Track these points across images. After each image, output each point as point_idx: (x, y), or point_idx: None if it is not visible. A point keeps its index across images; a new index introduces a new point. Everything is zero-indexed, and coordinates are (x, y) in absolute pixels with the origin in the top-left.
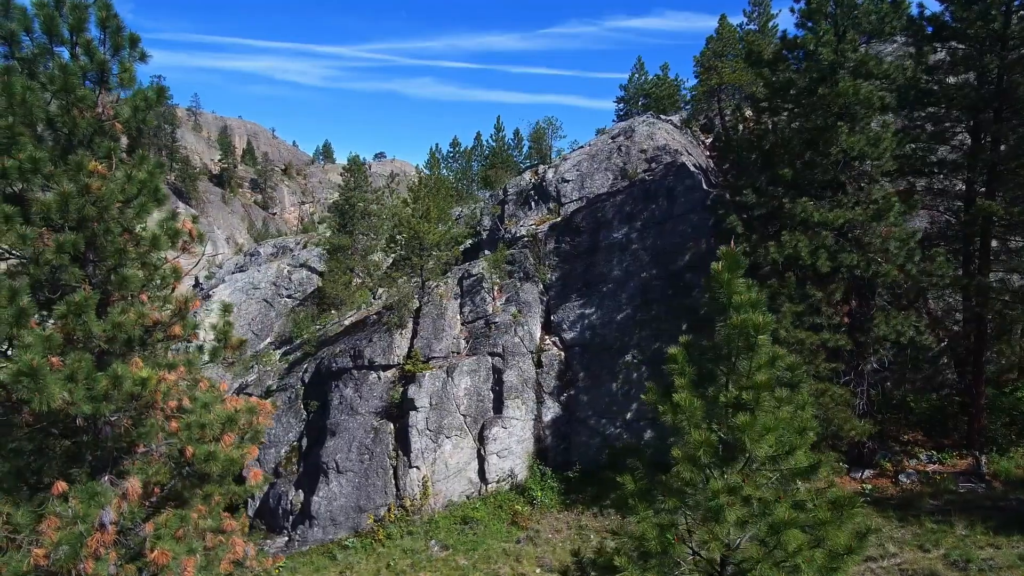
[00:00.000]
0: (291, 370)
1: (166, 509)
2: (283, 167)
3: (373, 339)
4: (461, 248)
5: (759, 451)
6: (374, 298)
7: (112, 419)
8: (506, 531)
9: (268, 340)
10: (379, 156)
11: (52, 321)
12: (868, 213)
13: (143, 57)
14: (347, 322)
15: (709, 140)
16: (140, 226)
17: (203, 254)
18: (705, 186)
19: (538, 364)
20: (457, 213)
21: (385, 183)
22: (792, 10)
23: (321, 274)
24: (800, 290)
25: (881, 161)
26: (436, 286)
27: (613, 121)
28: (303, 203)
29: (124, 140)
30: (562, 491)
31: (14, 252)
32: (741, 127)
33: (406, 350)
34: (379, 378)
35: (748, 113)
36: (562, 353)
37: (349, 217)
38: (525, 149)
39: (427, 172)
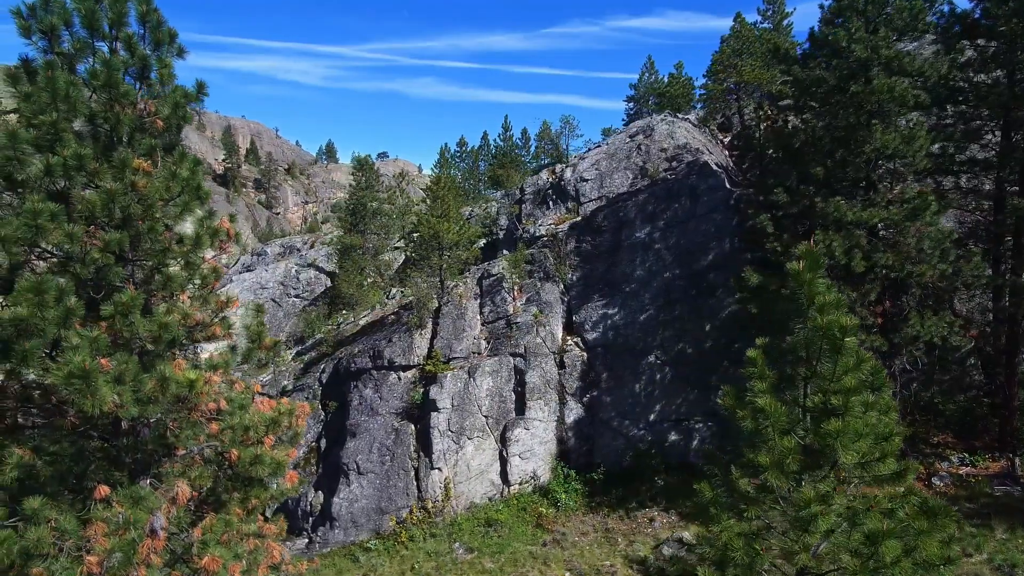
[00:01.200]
0: (307, 370)
1: (207, 513)
2: (287, 167)
3: (393, 339)
4: (474, 248)
5: (848, 458)
6: (387, 298)
7: (150, 421)
8: (531, 534)
9: (280, 340)
10: (382, 156)
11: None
12: (903, 212)
13: (181, 53)
14: (362, 322)
15: (727, 139)
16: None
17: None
18: (728, 185)
19: (560, 365)
20: (467, 213)
21: (395, 182)
22: (821, 6)
23: (330, 274)
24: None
25: (915, 160)
26: (455, 286)
27: (623, 120)
28: (307, 203)
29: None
30: (586, 493)
31: (54, 251)
32: (764, 125)
33: (426, 350)
34: (399, 378)
35: (768, 111)
36: (584, 354)
37: (360, 216)
38: (532, 149)
39: (437, 172)
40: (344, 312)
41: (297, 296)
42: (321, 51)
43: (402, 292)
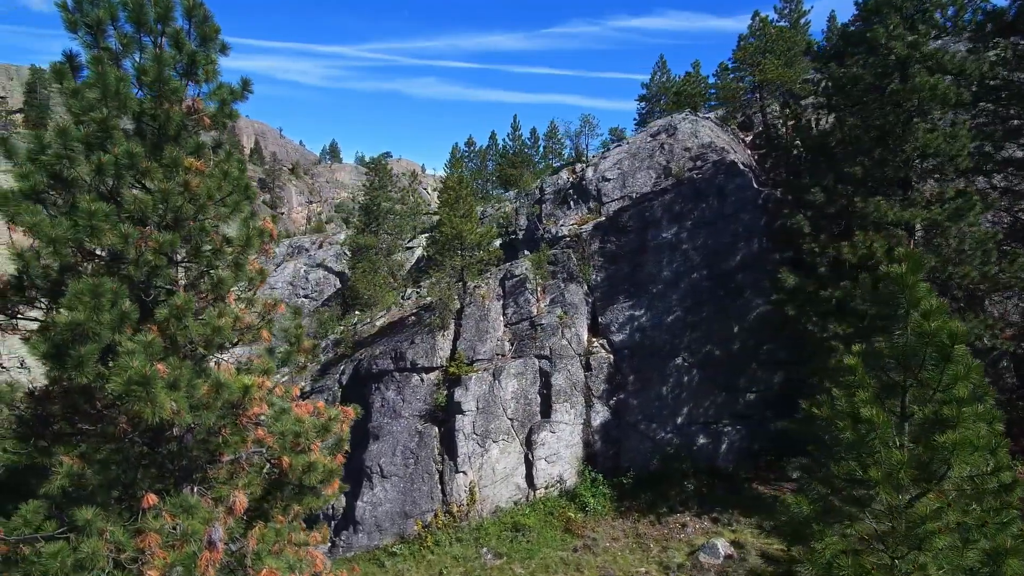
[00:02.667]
0: (325, 372)
1: (256, 522)
2: (291, 167)
3: (415, 341)
4: (496, 249)
5: (960, 471)
6: (403, 298)
7: (194, 427)
8: (560, 539)
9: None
10: (386, 155)
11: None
12: (946, 212)
13: (223, 49)
14: (379, 323)
15: (749, 138)
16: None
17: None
18: (755, 185)
19: (586, 367)
20: (480, 212)
21: (407, 182)
22: (856, 3)
23: (339, 274)
24: (875, 293)
25: (959, 159)
26: (476, 287)
27: (634, 120)
28: (311, 202)
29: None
30: (615, 498)
31: (100, 253)
32: (791, 124)
33: (449, 352)
34: (422, 380)
35: (794, 110)
36: (610, 356)
37: (374, 216)
38: (541, 149)
39: (448, 171)
40: (358, 313)
41: (306, 297)
42: (321, 51)
43: (418, 292)
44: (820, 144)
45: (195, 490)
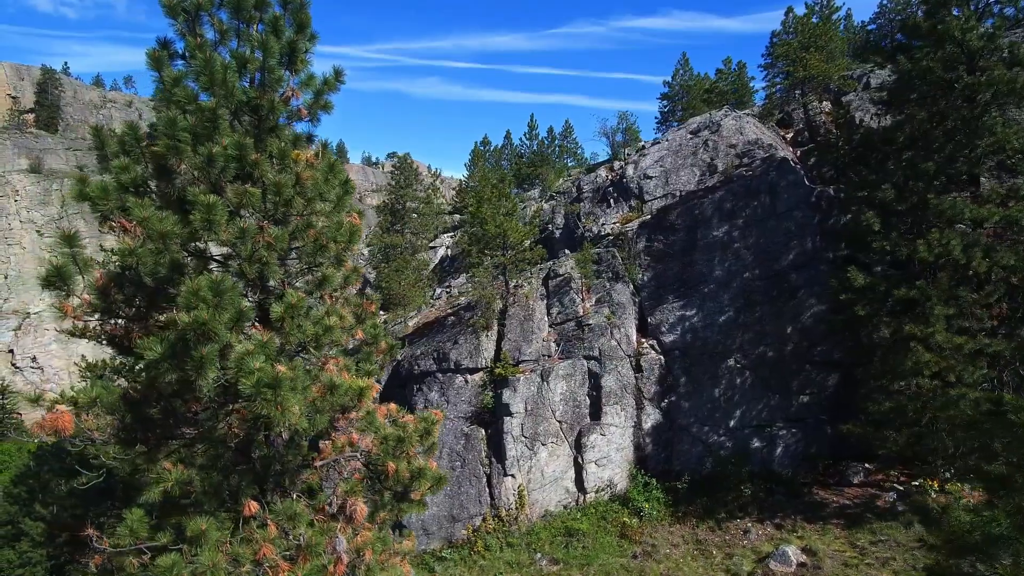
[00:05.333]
0: None
1: (360, 531)
2: None
3: (458, 341)
4: (539, 248)
5: None
6: (432, 298)
7: (281, 431)
8: (617, 545)
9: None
10: (391, 156)
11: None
12: None
13: (313, 39)
14: (411, 323)
15: (790, 135)
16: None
17: None
18: (807, 182)
19: (637, 368)
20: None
21: (431, 181)
22: None
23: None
24: (952, 292)
25: None
26: (519, 286)
27: (655, 118)
28: None
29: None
30: (669, 502)
31: (204, 250)
32: (841, 120)
33: (493, 352)
34: (466, 381)
35: (828, 106)
36: (661, 357)
37: (399, 216)
38: (556, 148)
39: (469, 171)
40: (384, 313)
41: None
42: (324, 51)
43: (448, 292)
44: (886, 139)
45: (295, 497)
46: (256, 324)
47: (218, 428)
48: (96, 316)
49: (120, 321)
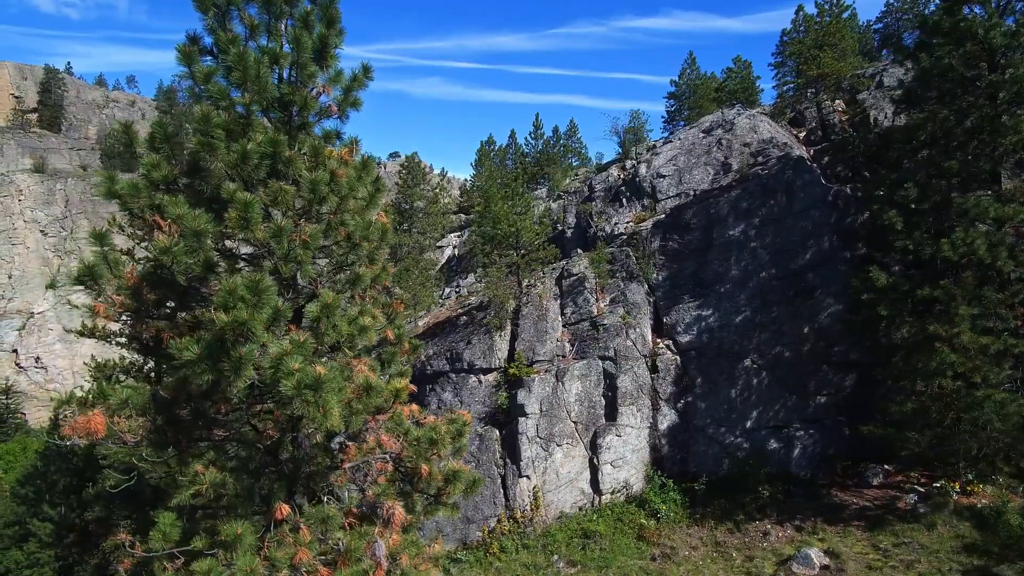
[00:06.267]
0: None
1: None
2: None
3: (471, 341)
4: (552, 248)
5: None
6: (442, 297)
7: (309, 432)
8: (635, 547)
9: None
10: (394, 156)
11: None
12: None
13: (341, 34)
14: (421, 323)
15: (803, 134)
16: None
17: None
18: (823, 181)
19: (653, 369)
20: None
21: (438, 181)
22: None
23: None
24: (976, 291)
25: None
26: (532, 285)
27: (663, 119)
28: None
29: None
30: (686, 504)
31: (232, 247)
32: (857, 119)
33: (506, 353)
34: (480, 382)
35: (840, 105)
36: (677, 357)
37: (407, 215)
38: (560, 147)
39: (476, 171)
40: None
41: None
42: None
43: (457, 292)
44: (907, 137)
45: (325, 499)
46: (289, 324)
47: (249, 430)
48: (126, 316)
49: (151, 321)
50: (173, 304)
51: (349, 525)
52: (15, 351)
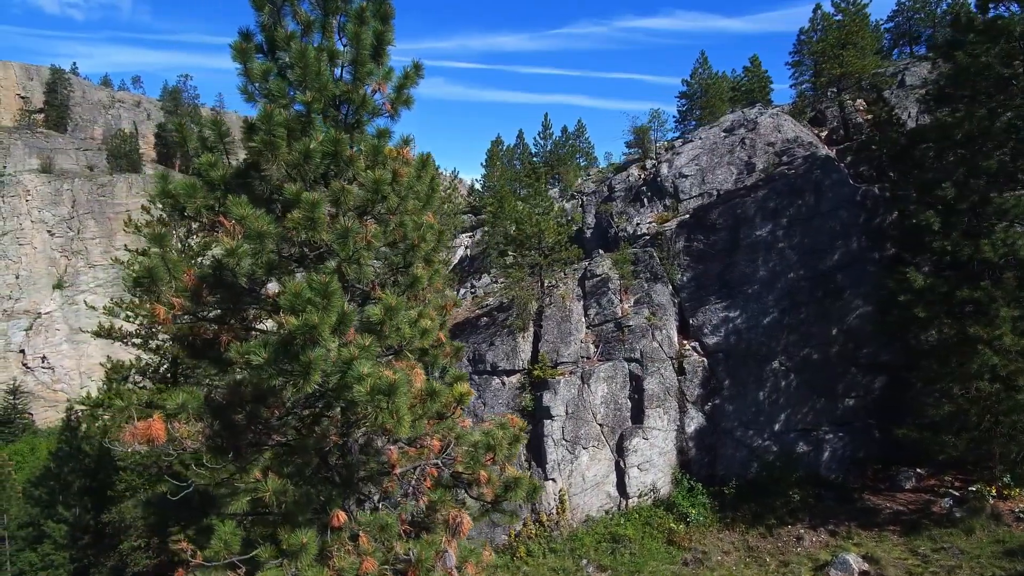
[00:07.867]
0: None
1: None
2: None
3: (494, 342)
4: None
5: None
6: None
7: (359, 437)
8: (665, 552)
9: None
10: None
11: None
12: None
13: (392, 30)
14: None
15: (824, 133)
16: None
17: None
18: (851, 181)
19: (679, 371)
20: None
21: (449, 181)
22: None
23: None
24: (1017, 293)
25: None
26: (554, 286)
27: (674, 118)
28: None
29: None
30: (715, 508)
31: (291, 249)
32: (884, 117)
33: (529, 354)
34: (503, 384)
35: (861, 104)
36: (704, 359)
37: None
38: (569, 148)
39: (486, 170)
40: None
41: None
42: None
43: (473, 293)
44: (942, 136)
45: (380, 506)
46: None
47: (308, 435)
48: (184, 319)
49: (210, 324)
50: (229, 307)
51: (404, 532)
52: (22, 351)
